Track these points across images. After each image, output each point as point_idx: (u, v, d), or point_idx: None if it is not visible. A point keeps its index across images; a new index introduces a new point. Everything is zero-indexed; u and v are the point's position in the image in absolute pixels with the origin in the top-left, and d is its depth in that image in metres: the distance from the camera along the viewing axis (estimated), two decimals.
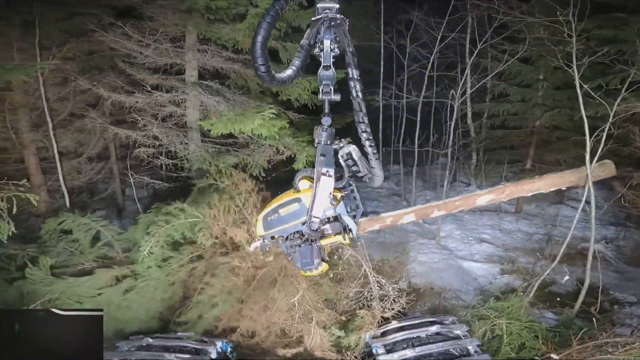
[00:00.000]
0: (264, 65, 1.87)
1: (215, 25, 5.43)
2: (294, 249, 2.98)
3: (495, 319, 4.65)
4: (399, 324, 4.57)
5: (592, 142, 4.96)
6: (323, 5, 2.26)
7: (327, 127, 2.51)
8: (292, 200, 2.91)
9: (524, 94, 9.56)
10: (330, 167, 2.53)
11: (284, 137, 5.27)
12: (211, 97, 5.47)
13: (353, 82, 2.41)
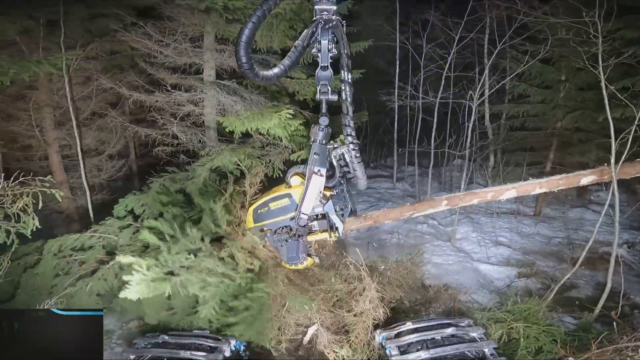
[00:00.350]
0: (246, 63, 1.95)
1: (233, 25, 5.50)
2: (281, 242, 3.04)
3: (512, 322, 4.60)
4: (414, 325, 4.52)
5: (618, 145, 4.86)
6: (320, 7, 2.33)
7: (324, 126, 2.58)
8: (283, 195, 2.99)
9: (545, 95, 9.35)
10: (322, 166, 2.59)
11: (298, 137, 5.29)
12: (228, 96, 5.54)
13: (344, 84, 2.46)
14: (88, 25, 6.29)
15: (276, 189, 3.18)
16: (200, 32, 5.78)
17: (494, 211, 9.47)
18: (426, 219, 9.69)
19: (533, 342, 4.39)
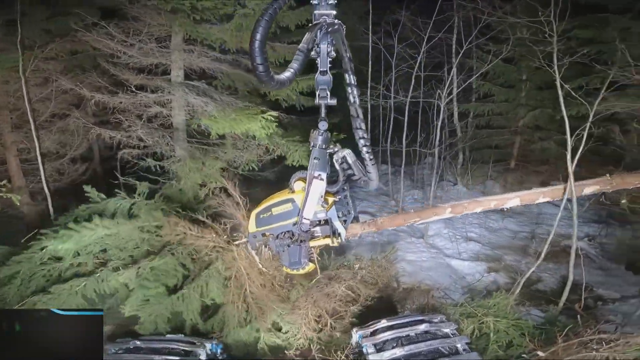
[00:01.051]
0: (263, 64, 1.79)
1: (202, 25, 5.37)
2: (283, 247, 3.01)
3: (482, 317, 4.69)
4: (388, 322, 4.58)
5: (573, 141, 5.07)
6: (320, 12, 2.30)
7: (323, 131, 2.52)
8: (286, 200, 2.93)
9: (508, 94, 9.75)
10: (323, 170, 2.56)
11: (274, 137, 5.24)
12: (198, 97, 5.40)
13: (350, 87, 2.45)
14: (47, 25, 6.02)
15: (279, 193, 3.08)
16: (167, 32, 5.61)
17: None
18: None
19: (503, 336, 4.49)
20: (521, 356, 4.28)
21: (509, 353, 4.41)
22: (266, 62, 1.80)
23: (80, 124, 6.91)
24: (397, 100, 11.26)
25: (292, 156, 5.41)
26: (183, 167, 5.28)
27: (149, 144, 5.79)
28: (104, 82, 5.91)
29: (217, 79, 6.08)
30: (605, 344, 3.88)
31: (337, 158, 2.79)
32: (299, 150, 5.43)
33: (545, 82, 8.94)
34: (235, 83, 6.08)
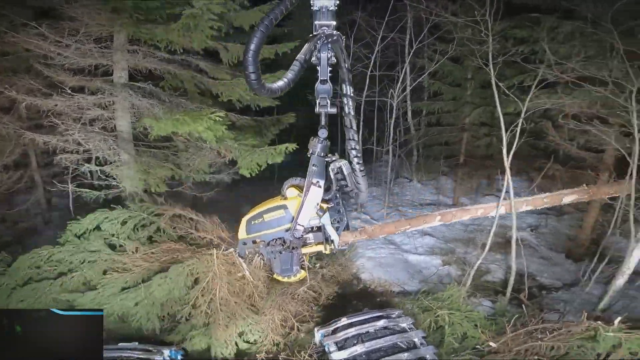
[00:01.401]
0: (255, 73, 1.87)
1: (147, 25, 5.09)
2: (274, 254, 3.02)
3: (437, 310, 4.81)
4: (348, 320, 4.62)
5: (509, 137, 5.36)
6: (320, 23, 2.37)
7: (322, 139, 2.58)
8: (278, 207, 2.95)
9: (455, 93, 10.19)
10: (321, 178, 2.59)
11: (226, 140, 5.07)
12: (144, 99, 5.10)
13: (346, 98, 2.50)
14: None
15: (271, 200, 3.10)
16: (108, 32, 5.26)
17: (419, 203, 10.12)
18: (359, 214, 10.02)
19: (458, 328, 4.60)
20: (475, 347, 4.38)
21: (464, 345, 4.50)
22: (258, 70, 1.87)
23: (10, 129, 6.27)
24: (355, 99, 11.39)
25: (244, 161, 5.25)
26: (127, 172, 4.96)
27: (89, 149, 5.38)
28: (38, 85, 5.42)
29: (164, 80, 5.77)
30: (549, 333, 4.05)
31: (334, 167, 2.83)
32: (252, 155, 5.27)
33: (487, 81, 9.32)
34: (185, 84, 5.82)
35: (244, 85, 5.78)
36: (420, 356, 4.00)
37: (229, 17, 5.74)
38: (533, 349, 3.97)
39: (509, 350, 4.10)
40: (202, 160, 5.41)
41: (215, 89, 5.84)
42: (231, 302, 4.57)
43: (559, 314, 5.37)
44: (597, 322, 3.97)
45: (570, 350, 3.86)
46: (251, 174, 5.39)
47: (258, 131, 6.25)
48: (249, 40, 1.85)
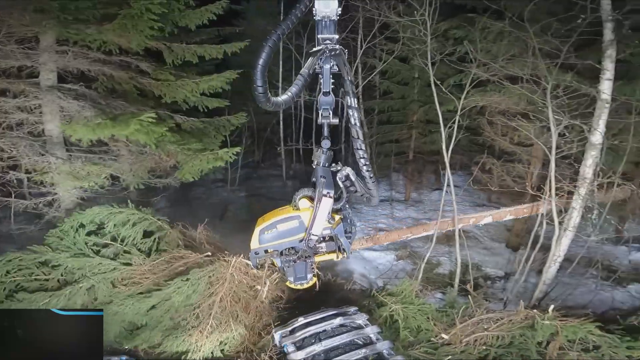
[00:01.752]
0: (262, 87, 1.90)
1: (77, 25, 4.70)
2: (289, 263, 2.92)
3: (392, 305, 4.85)
4: (305, 320, 4.60)
5: (447, 133, 5.63)
6: (323, 36, 2.36)
7: (326, 149, 2.57)
8: (292, 218, 2.87)
9: (404, 91, 10.54)
10: (330, 188, 2.58)
11: (167, 143, 4.80)
12: (74, 101, 4.70)
13: (352, 110, 2.44)
14: None
15: (283, 210, 2.93)
16: (33, 33, 4.79)
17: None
18: None
19: (412, 321, 4.65)
20: (430, 340, 4.43)
21: (419, 338, 4.56)
22: (265, 84, 1.89)
23: None
24: (306, 100, 11.42)
25: (187, 166, 5.01)
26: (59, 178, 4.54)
27: (13, 155, 4.86)
28: None
29: (97, 82, 5.37)
30: (493, 323, 4.20)
31: (341, 176, 2.73)
32: (194, 160, 5.04)
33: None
34: (123, 85, 5.45)
35: (189, 85, 5.57)
36: (377, 351, 4.07)
37: (173, 16, 5.55)
38: (481, 339, 4.10)
39: (459, 341, 4.20)
40: (141, 165, 5.08)
41: (157, 90, 5.53)
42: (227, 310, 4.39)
43: (503, 303, 5.66)
44: (533, 310, 4.16)
45: (513, 339, 4.02)
46: (193, 178, 5.18)
47: (207, 133, 6.01)
48: (258, 55, 1.90)
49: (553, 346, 3.87)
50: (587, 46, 6.01)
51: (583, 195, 4.65)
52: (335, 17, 2.45)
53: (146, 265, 4.46)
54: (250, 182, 12.60)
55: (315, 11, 2.61)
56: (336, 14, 2.56)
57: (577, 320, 3.98)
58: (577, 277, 6.69)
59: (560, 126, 4.73)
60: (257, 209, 10.31)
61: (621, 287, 6.74)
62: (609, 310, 6.05)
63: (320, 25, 2.38)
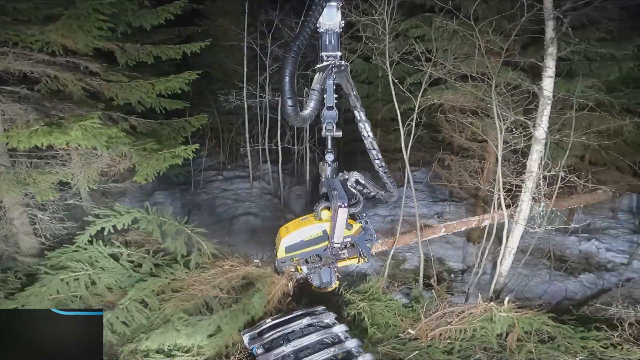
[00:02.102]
0: (292, 99, 1.94)
1: (17, 27, 4.40)
2: (314, 269, 3.42)
3: (359, 303, 4.88)
4: (273, 321, 4.56)
5: (406, 131, 5.83)
6: (328, 54, 2.58)
7: (330, 162, 2.91)
8: (315, 228, 3.24)
9: (369, 90, 10.69)
10: (344, 199, 2.84)
11: (119, 145, 4.60)
12: (15, 104, 4.38)
13: (362, 123, 2.73)
14: None
15: (306, 221, 3.39)
16: None
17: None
18: (284, 212, 10.00)
19: (379, 318, 4.69)
20: (398, 336, 4.48)
21: (388, 334, 4.58)
22: (295, 97, 1.94)
23: None
24: (273, 100, 11.31)
25: (143, 167, 4.81)
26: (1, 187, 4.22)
27: None
28: None
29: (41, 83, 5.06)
30: (456, 317, 4.31)
31: (351, 183, 3.10)
32: (150, 161, 4.84)
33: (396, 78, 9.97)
34: (70, 87, 5.14)
35: (144, 87, 5.40)
36: (346, 350, 4.09)
37: (126, 16, 5.44)
38: (445, 333, 4.20)
39: (425, 336, 4.28)
40: (90, 168, 4.83)
41: (108, 91, 5.29)
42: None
43: (465, 296, 5.84)
44: (490, 303, 4.31)
45: (475, 332, 4.13)
46: (147, 180, 5.01)
47: (165, 135, 5.82)
48: (282, 67, 1.92)
49: (511, 338, 4.00)
50: (532, 44, 6.37)
51: (530, 188, 4.89)
52: (339, 29, 2.63)
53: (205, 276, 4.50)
54: (215, 184, 12.33)
55: (319, 24, 2.72)
56: (339, 26, 2.62)
57: (531, 312, 4.15)
58: (532, 268, 7.05)
59: (506, 122, 4.94)
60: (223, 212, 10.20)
61: (573, 277, 7.14)
62: (563, 300, 6.39)
63: (324, 38, 2.63)
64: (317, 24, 2.60)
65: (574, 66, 6.38)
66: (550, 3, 4.73)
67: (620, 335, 4.00)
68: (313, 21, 2.39)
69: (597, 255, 8.17)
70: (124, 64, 5.57)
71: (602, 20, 6.05)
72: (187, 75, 5.71)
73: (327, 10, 2.67)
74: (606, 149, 7.14)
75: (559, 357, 3.80)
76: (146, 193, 11.02)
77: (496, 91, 4.59)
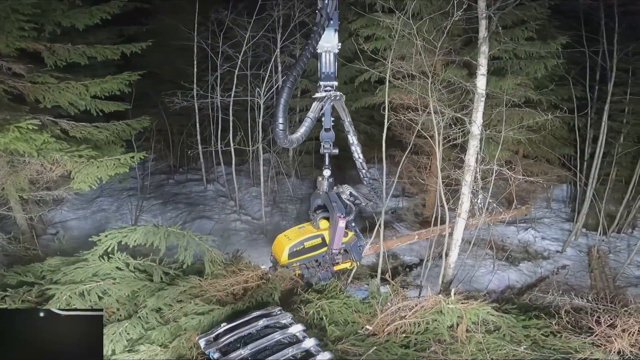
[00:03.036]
0: (283, 124, 2.33)
1: None
2: (314, 273, 3.90)
3: (317, 301, 4.82)
4: (229, 325, 4.45)
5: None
6: (325, 83, 3.11)
7: (327, 177, 3.50)
8: (316, 236, 3.79)
9: None
10: (342, 210, 3.35)
11: (51, 151, 4.28)
12: None
13: (354, 146, 3.40)
14: None
15: (304, 230, 3.93)
16: None
17: (299, 198, 10.40)
18: (239, 215, 9.81)
19: (338, 315, 4.69)
20: (357, 332, 4.49)
21: (347, 331, 4.57)
22: (286, 122, 2.31)
23: None
24: (223, 100, 11.03)
25: (79, 175, 4.51)
26: None
27: None
28: None
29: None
30: (409, 311, 4.38)
31: (347, 196, 3.60)
32: (90, 168, 4.55)
33: (349, 77, 10.11)
34: None
35: (76, 89, 5.12)
36: (304, 349, 4.08)
37: (55, 16, 5.25)
38: (401, 327, 4.26)
39: (382, 331, 4.33)
40: (18, 177, 4.45)
41: (34, 94, 4.90)
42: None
43: (419, 289, 5.99)
44: (438, 296, 4.46)
45: (428, 325, 4.24)
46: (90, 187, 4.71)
47: (103, 139, 5.50)
48: (279, 94, 2.24)
49: (461, 329, 4.11)
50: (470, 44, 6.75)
51: (469, 182, 5.16)
52: (336, 50, 3.06)
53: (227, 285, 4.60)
54: (165, 188, 11.80)
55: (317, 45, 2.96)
56: (337, 47, 3.06)
57: (476, 303, 4.30)
58: (477, 259, 7.41)
59: (444, 118, 5.13)
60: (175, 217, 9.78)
61: (514, 267, 7.58)
62: (506, 288, 6.74)
63: (323, 59, 3.08)
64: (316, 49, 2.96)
65: (505, 64, 6.84)
66: (484, 2, 4.94)
67: (558, 323, 4.21)
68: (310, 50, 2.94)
69: (534, 244, 8.74)
70: (52, 65, 5.30)
71: (530, 20, 6.47)
72: (127, 76, 5.53)
73: (325, 33, 3.16)
74: (536, 143, 7.77)
75: (505, 347, 3.91)
76: (87, 200, 10.31)
77: (432, 88, 4.76)
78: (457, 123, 5.42)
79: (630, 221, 9.22)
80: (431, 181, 6.75)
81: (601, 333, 3.89)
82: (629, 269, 7.37)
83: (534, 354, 3.82)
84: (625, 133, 9.17)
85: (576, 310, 4.60)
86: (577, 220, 8.80)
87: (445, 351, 3.97)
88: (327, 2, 3.75)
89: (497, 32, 5.21)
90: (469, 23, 5.64)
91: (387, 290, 5.23)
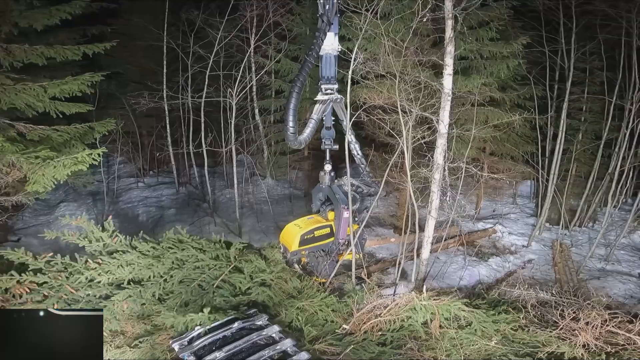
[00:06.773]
0: (293, 127, 2.83)
1: None
2: (319, 261, 4.16)
3: (296, 302, 4.85)
4: (203, 328, 4.37)
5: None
6: (326, 86, 3.44)
7: (328, 172, 3.80)
8: (325, 226, 4.12)
9: None
10: (345, 202, 3.60)
11: (7, 153, 4.05)
12: None
13: (352, 145, 3.58)
14: None
15: (313, 220, 4.31)
16: None
17: (274, 199, 10.34)
18: (213, 217, 9.65)
19: (317, 315, 4.70)
20: (335, 332, 4.49)
21: (325, 330, 4.57)
22: (296, 125, 2.78)
23: None
24: (194, 101, 10.81)
25: (36, 176, 4.26)
26: None
27: None
28: None
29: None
30: (384, 309, 4.44)
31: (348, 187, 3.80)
32: (46, 169, 4.31)
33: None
34: None
35: (34, 90, 4.95)
36: (281, 350, 4.05)
37: (11, 17, 5.22)
38: (377, 325, 4.32)
39: (359, 329, 4.36)
40: None
41: None
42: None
43: (393, 287, 5.98)
44: (411, 293, 4.53)
45: (403, 322, 4.30)
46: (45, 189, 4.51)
47: (62, 142, 5.28)
48: (288, 100, 2.75)
49: (434, 325, 4.19)
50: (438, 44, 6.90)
51: (438, 179, 5.26)
52: (337, 52, 3.52)
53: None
54: (134, 192, 11.40)
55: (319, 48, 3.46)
56: (337, 50, 3.55)
57: (447, 299, 4.40)
58: (449, 255, 7.58)
59: (412, 117, 5.13)
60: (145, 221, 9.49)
61: (484, 262, 7.74)
62: (477, 284, 6.84)
63: (324, 60, 3.47)
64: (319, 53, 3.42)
65: (471, 64, 7.02)
66: (450, 2, 5.01)
67: (525, 317, 4.34)
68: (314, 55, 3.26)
69: (502, 239, 8.98)
70: (8, 66, 5.13)
71: (493, 20, 6.66)
72: (88, 76, 5.37)
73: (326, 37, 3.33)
74: (501, 141, 8.05)
75: (477, 342, 3.99)
76: (49, 206, 9.84)
77: (399, 88, 4.84)
78: (425, 122, 5.48)
79: (590, 215, 9.60)
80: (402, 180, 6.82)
81: (566, 326, 4.01)
82: (590, 261, 7.63)
83: (504, 348, 3.91)
84: (583, 130, 9.55)
85: (542, 304, 4.76)
86: (540, 215, 9.11)
87: (421, 348, 4.03)
88: (328, 8, 4.06)
89: (463, 32, 5.34)
90: (437, 23, 5.76)
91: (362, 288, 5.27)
